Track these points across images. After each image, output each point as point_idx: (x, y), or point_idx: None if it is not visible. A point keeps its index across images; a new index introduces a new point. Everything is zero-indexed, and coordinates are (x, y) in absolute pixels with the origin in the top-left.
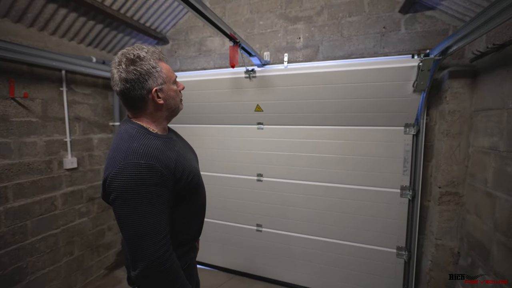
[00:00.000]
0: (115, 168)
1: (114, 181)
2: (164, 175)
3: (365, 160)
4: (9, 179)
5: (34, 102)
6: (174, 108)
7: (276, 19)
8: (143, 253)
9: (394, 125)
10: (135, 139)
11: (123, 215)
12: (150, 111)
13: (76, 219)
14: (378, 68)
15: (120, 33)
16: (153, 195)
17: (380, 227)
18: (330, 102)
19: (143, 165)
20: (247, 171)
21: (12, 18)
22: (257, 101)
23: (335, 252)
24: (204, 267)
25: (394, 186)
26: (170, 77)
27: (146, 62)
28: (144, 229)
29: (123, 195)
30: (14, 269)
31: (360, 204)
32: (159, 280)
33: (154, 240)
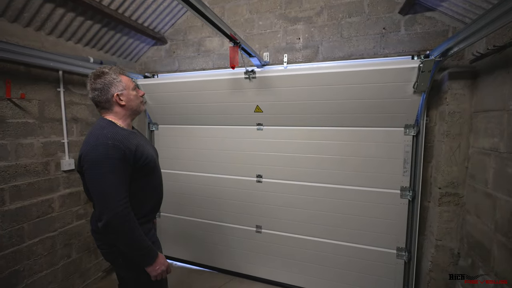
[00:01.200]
0: (88, 146)
1: (88, 155)
2: (126, 154)
3: (365, 161)
4: (6, 181)
5: (31, 103)
6: (136, 108)
7: (276, 20)
8: (107, 208)
9: (394, 126)
10: (105, 128)
11: (93, 180)
12: (116, 110)
13: (74, 221)
14: (378, 69)
15: (118, 33)
16: (116, 166)
17: (380, 228)
18: (330, 103)
19: (110, 144)
20: (246, 172)
21: (9, 18)
22: (257, 102)
23: (334, 253)
24: (204, 268)
25: (394, 187)
26: (129, 85)
27: (108, 76)
28: (108, 189)
29: (93, 165)
30: (11, 272)
31: (360, 205)
32: (120, 230)
33: (115, 199)
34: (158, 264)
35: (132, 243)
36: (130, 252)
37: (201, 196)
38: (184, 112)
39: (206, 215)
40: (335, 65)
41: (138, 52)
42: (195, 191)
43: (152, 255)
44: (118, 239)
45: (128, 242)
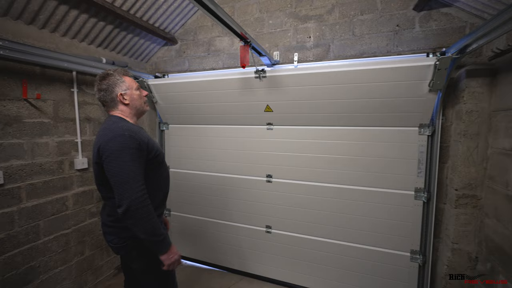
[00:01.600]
0: (106, 138)
1: (107, 145)
2: (141, 144)
3: (377, 161)
4: (22, 179)
5: (46, 103)
6: (139, 107)
7: (286, 18)
8: (127, 194)
9: (408, 125)
10: (119, 123)
11: (112, 168)
12: (121, 109)
13: (87, 219)
14: (392, 68)
15: (129, 34)
16: (133, 155)
17: (393, 230)
18: (341, 102)
19: (126, 135)
20: (256, 172)
21: (25, 20)
22: (267, 102)
23: (346, 255)
24: (213, 268)
25: (408, 188)
26: (132, 86)
27: (113, 77)
28: (127, 177)
29: (112, 154)
30: (27, 268)
31: (372, 206)
32: (140, 215)
33: (134, 185)
34: (172, 253)
35: (150, 228)
36: (148, 238)
37: (210, 195)
38: (194, 112)
39: (216, 215)
40: (347, 64)
41: (149, 52)
42: (204, 190)
43: (167, 242)
44: (137, 224)
45: (146, 227)
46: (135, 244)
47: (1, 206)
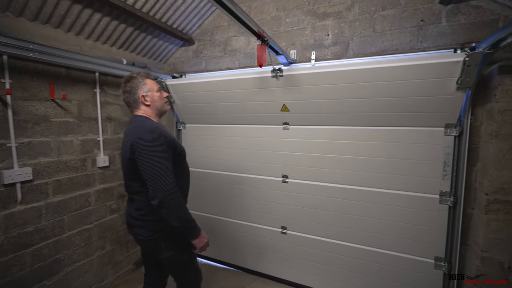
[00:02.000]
0: (138, 135)
1: (139, 142)
2: (168, 141)
3: (399, 163)
4: (49, 175)
5: (71, 103)
6: (160, 108)
7: (304, 16)
8: (160, 186)
9: (433, 125)
10: (147, 121)
11: (146, 162)
12: (143, 109)
13: (108, 215)
14: (416, 65)
15: (148, 35)
16: (164, 151)
17: (416, 235)
18: (361, 101)
19: (156, 132)
20: (272, 172)
21: (53, 24)
22: (284, 101)
23: (364, 259)
24: (228, 267)
25: (432, 191)
26: (153, 88)
27: (136, 80)
28: (160, 169)
29: (146, 149)
30: (53, 260)
31: (394, 210)
32: (173, 205)
33: (167, 178)
34: (202, 237)
35: (183, 216)
36: (182, 225)
37: (226, 195)
38: (210, 111)
39: (232, 214)
40: (367, 61)
41: (167, 53)
42: (220, 189)
43: (198, 228)
44: (171, 213)
45: (179, 215)
46: (164, 237)
47: (31, 201)
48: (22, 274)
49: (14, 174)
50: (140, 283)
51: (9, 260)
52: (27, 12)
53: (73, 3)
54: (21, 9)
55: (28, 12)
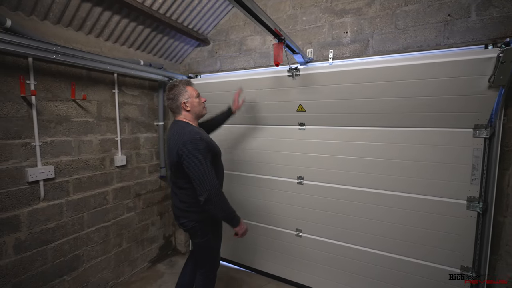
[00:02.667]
0: (182, 141)
1: (184, 148)
2: (207, 144)
3: (422, 165)
4: (70, 174)
5: (91, 103)
6: (198, 112)
7: (321, 14)
8: (206, 186)
9: (460, 126)
10: (188, 127)
11: (192, 166)
12: (184, 114)
13: (125, 213)
14: (443, 62)
15: (165, 36)
16: (206, 154)
17: (440, 243)
18: (381, 101)
19: (198, 138)
20: (287, 173)
21: (74, 26)
22: (300, 101)
23: (384, 266)
24: (241, 268)
25: (459, 196)
26: (193, 94)
27: (178, 88)
28: (204, 172)
29: (190, 154)
30: (73, 256)
31: (416, 215)
32: (217, 203)
33: (211, 178)
34: (242, 224)
35: (227, 209)
36: (226, 215)
37: (240, 195)
38: None
39: (245, 215)
40: (389, 59)
41: (182, 54)
42: (234, 190)
43: (238, 217)
44: (217, 207)
45: (224, 208)
46: (201, 226)
47: (53, 198)
48: (44, 269)
49: (38, 172)
50: (155, 281)
51: (33, 254)
52: (50, 16)
53: (93, 6)
54: (45, 12)
55: (51, 16)
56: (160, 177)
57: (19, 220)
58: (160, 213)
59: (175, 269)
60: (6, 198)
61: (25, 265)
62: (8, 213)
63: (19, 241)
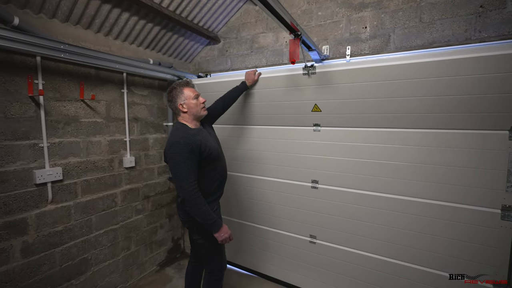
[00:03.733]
0: (169, 144)
1: (168, 151)
2: (193, 148)
3: (450, 171)
4: (78, 175)
5: (99, 103)
6: (196, 113)
7: (338, 8)
8: (181, 188)
9: (494, 128)
10: (179, 130)
11: (172, 167)
12: (182, 116)
13: (133, 216)
14: (475, 57)
15: (175, 34)
16: (186, 158)
17: (471, 255)
18: (403, 100)
19: (181, 142)
20: (300, 176)
21: (83, 24)
22: (315, 100)
23: (408, 278)
24: (252, 274)
25: (492, 205)
26: (190, 96)
27: (175, 90)
28: (181, 175)
29: (171, 158)
30: (81, 260)
31: (444, 224)
32: (192, 204)
33: (186, 182)
34: (223, 232)
35: (201, 214)
36: (201, 221)
37: (251, 198)
38: (235, 112)
39: (256, 219)
40: (412, 55)
41: (192, 52)
42: (245, 193)
43: (217, 225)
44: (192, 210)
45: (198, 213)
46: (196, 222)
47: (61, 200)
48: (52, 273)
49: (46, 174)
50: (163, 285)
51: (40, 258)
52: (59, 13)
53: (102, 3)
54: (53, 10)
55: (60, 13)
56: (169, 179)
57: (27, 223)
58: (169, 215)
59: (183, 273)
60: (13, 201)
61: (32, 269)
62: (16, 216)
63: (26, 245)
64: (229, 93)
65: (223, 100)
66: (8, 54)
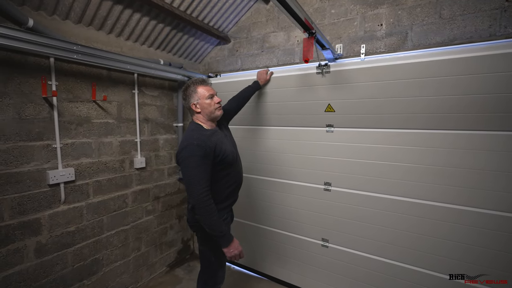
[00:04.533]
0: (181, 146)
1: (180, 153)
2: (207, 151)
3: (473, 173)
4: (90, 176)
5: (111, 104)
6: (210, 114)
7: (352, 6)
8: (192, 195)
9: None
10: (193, 131)
11: (184, 171)
12: (197, 116)
13: (143, 217)
14: (501, 54)
15: (185, 34)
16: (198, 162)
17: (495, 263)
18: (421, 99)
19: (194, 144)
20: (313, 178)
21: (95, 26)
22: (329, 100)
23: (425, 286)
24: (261, 276)
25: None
26: (204, 95)
27: (189, 89)
28: (193, 180)
29: (183, 161)
30: (92, 260)
31: (463, 230)
32: (202, 212)
33: (197, 188)
34: (232, 247)
35: (211, 224)
36: (210, 231)
37: (262, 200)
38: (246, 112)
39: (267, 221)
40: (431, 53)
41: (202, 53)
42: (256, 194)
43: (227, 238)
44: (201, 219)
45: (207, 223)
46: (201, 228)
47: (73, 201)
48: (64, 273)
49: (59, 175)
50: (173, 286)
51: (53, 258)
52: (72, 15)
53: (114, 4)
54: (67, 11)
55: (73, 15)
56: (179, 180)
57: (40, 224)
58: (178, 216)
59: (193, 274)
60: (27, 201)
61: (45, 269)
62: (30, 216)
63: (40, 245)
64: (243, 92)
65: (237, 99)
66: (23, 56)
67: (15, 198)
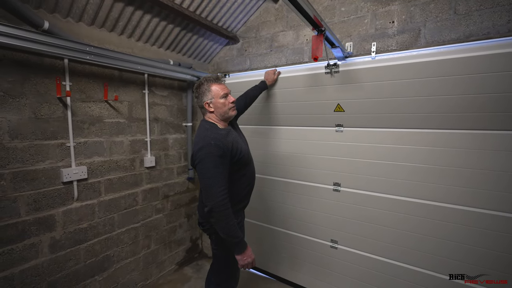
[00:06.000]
0: (197, 146)
1: (198, 153)
2: (225, 151)
3: (488, 175)
4: (102, 174)
5: (122, 104)
6: (223, 114)
7: (363, 3)
8: (210, 198)
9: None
10: (208, 130)
11: (201, 173)
12: (209, 115)
13: (153, 215)
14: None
15: (194, 35)
16: (217, 162)
17: (496, 264)
18: (435, 99)
19: (212, 144)
20: (322, 178)
21: (107, 27)
22: (338, 100)
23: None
24: (270, 277)
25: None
26: (218, 94)
27: (202, 86)
28: (211, 182)
29: (201, 162)
30: (104, 257)
31: (476, 232)
32: (219, 216)
33: (216, 190)
34: (246, 255)
35: (227, 229)
36: (225, 236)
37: (270, 200)
38: (254, 112)
39: (276, 222)
40: (446, 51)
41: (211, 53)
42: (265, 195)
43: (242, 245)
44: (217, 223)
45: (224, 227)
46: (215, 231)
47: (85, 198)
48: (77, 268)
49: (72, 173)
50: (182, 284)
51: (67, 254)
52: (85, 17)
53: (125, 6)
54: (80, 14)
55: (86, 17)
56: (187, 179)
57: (54, 220)
58: (187, 215)
59: (201, 273)
60: (42, 198)
61: (59, 264)
62: (45, 212)
63: (54, 241)
64: (250, 91)
65: (244, 98)
66: (39, 57)
67: (31, 195)
